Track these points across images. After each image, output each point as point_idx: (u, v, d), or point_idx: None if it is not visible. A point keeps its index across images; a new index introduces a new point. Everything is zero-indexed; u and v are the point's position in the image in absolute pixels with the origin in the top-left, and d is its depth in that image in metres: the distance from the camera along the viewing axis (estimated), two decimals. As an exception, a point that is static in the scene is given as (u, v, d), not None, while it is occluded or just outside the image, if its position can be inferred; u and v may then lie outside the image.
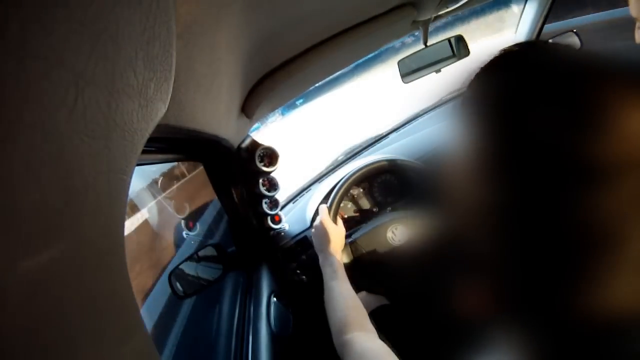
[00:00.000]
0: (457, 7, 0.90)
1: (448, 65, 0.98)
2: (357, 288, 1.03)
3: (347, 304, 0.66)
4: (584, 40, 1.14)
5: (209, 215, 1.89)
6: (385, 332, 0.73)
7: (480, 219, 0.22)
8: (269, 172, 0.94)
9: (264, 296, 0.88)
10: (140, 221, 1.56)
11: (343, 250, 0.85)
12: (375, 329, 0.68)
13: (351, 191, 1.11)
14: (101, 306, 0.18)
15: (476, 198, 0.22)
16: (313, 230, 0.88)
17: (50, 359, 0.14)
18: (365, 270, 0.93)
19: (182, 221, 1.74)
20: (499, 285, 0.22)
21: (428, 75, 1.02)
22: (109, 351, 0.18)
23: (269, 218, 1.04)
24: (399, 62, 1.01)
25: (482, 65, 0.24)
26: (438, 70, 1.00)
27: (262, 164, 0.92)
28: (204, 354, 0.91)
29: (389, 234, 0.92)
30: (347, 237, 0.90)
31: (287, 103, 0.98)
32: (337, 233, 0.85)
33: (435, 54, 0.98)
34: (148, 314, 1.11)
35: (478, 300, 0.24)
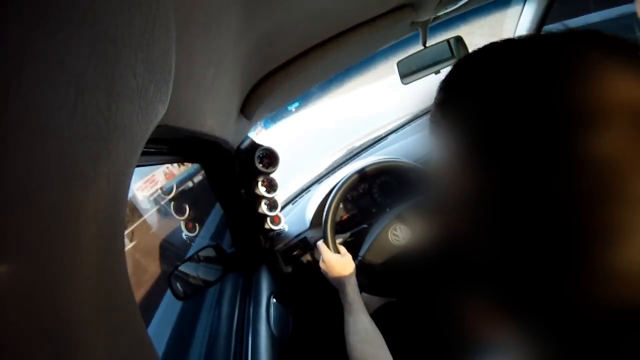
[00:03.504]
0: (456, 8, 0.90)
1: (447, 66, 0.99)
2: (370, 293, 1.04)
3: (361, 339, 0.68)
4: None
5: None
6: (390, 329, 0.74)
7: (466, 214, 0.22)
8: (269, 173, 0.94)
9: (263, 297, 0.88)
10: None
11: (357, 274, 0.85)
12: (380, 326, 0.69)
13: (350, 193, 1.11)
14: (101, 306, 0.18)
15: (459, 195, 0.22)
16: (321, 269, 0.88)
17: (48, 359, 0.14)
18: (378, 278, 0.93)
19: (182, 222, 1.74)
20: (496, 282, 0.22)
21: (427, 76, 1.02)
22: (108, 351, 0.18)
23: (268, 219, 1.04)
24: (398, 63, 1.01)
25: (449, 74, 0.24)
26: (437, 72, 1.00)
27: (262, 164, 0.92)
28: (204, 355, 0.91)
29: (391, 236, 0.92)
30: (354, 258, 0.90)
31: (286, 104, 0.99)
32: (343, 262, 0.85)
33: (434, 55, 0.98)
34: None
35: (478, 299, 0.23)
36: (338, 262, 0.84)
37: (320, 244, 0.91)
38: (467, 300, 0.24)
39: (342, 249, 0.91)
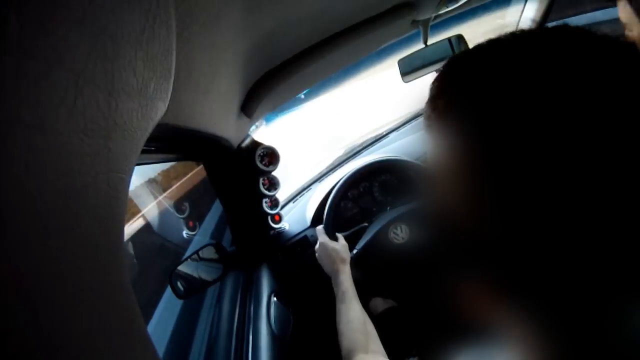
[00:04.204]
0: (457, 7, 0.90)
1: (448, 64, 0.98)
2: (369, 295, 1.04)
3: (353, 328, 0.68)
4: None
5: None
6: (391, 334, 0.74)
7: (466, 195, 0.22)
8: (269, 172, 0.94)
9: (264, 296, 0.88)
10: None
11: (351, 265, 0.85)
12: (381, 332, 0.69)
13: (351, 191, 1.11)
14: (101, 306, 0.18)
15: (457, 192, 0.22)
16: (316, 254, 0.88)
17: (48, 358, 0.14)
18: (371, 274, 0.93)
19: (182, 220, 1.74)
20: (495, 272, 0.22)
21: (428, 75, 1.02)
22: (108, 350, 0.18)
23: (269, 217, 1.04)
24: (399, 61, 1.01)
25: (439, 77, 0.24)
26: (438, 70, 1.00)
27: (263, 163, 0.92)
28: (204, 354, 0.91)
29: (391, 235, 0.92)
30: (351, 250, 0.90)
31: (286, 102, 0.98)
32: (339, 250, 0.85)
33: (435, 53, 0.98)
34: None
35: (477, 291, 0.23)
36: (334, 248, 0.85)
37: (320, 228, 0.92)
38: (463, 284, 0.24)
39: (340, 237, 0.91)
